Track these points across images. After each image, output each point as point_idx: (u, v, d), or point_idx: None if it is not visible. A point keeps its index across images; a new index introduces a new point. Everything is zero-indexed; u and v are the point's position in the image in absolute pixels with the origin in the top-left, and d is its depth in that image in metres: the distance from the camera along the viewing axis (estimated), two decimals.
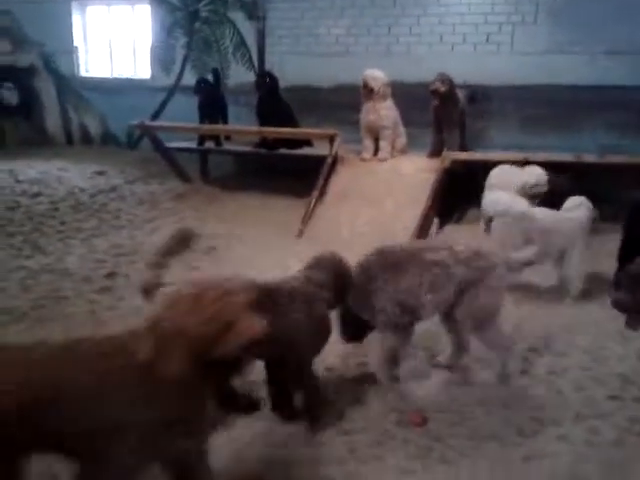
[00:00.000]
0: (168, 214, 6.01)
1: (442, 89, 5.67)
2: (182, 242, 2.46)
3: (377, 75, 5.83)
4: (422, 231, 4.99)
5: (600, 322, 3.47)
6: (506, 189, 4.36)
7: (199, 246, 4.97)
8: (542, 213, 3.99)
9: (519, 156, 5.15)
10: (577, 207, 3.97)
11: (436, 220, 5.33)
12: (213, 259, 4.75)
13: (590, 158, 5.06)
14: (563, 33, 6.75)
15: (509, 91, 6.81)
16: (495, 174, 4.65)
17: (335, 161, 5.89)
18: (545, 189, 4.48)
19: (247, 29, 8.21)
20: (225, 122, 7.31)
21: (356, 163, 5.96)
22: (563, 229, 3.87)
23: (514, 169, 4.64)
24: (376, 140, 5.96)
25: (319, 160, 5.96)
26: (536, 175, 4.47)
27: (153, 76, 8.92)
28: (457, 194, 5.57)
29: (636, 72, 6.45)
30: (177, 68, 8.51)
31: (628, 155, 5.68)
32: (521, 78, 6.84)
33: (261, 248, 4.95)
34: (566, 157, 5.08)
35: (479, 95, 6.63)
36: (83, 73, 9.65)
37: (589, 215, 3.94)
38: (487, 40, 7.09)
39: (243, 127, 7.34)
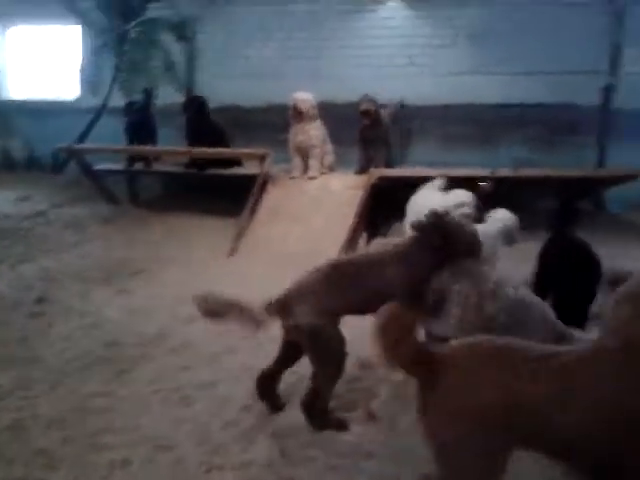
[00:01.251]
0: (96, 238, 5.91)
1: (373, 109, 5.87)
2: None
3: (306, 97, 5.97)
4: (351, 246, 5.11)
5: None
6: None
7: (129, 270, 4.97)
8: None
9: (438, 172, 5.36)
10: (498, 219, 4.05)
11: (364, 235, 5.48)
12: (143, 282, 4.71)
13: (505, 172, 5.33)
14: (482, 55, 7.13)
15: (432, 110, 7.12)
16: (419, 196, 4.74)
17: (266, 180, 5.96)
18: (471, 211, 4.62)
19: (177, 50, 8.21)
20: (154, 143, 7.28)
21: (286, 182, 6.05)
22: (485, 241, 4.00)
23: (438, 193, 4.76)
24: (305, 159, 6.08)
25: (249, 180, 6.02)
26: (462, 197, 4.62)
27: (80, 98, 8.77)
28: (384, 209, 5.74)
29: (552, 90, 6.89)
30: (105, 89, 8.41)
31: (540, 168, 6.12)
32: (443, 98, 7.17)
33: (193, 269, 4.94)
34: (482, 172, 5.33)
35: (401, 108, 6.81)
36: (6, 95, 9.39)
37: (511, 226, 4.01)
38: (411, 62, 7.39)
39: (173, 148, 7.31)
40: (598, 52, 6.80)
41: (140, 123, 7.08)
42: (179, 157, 7.01)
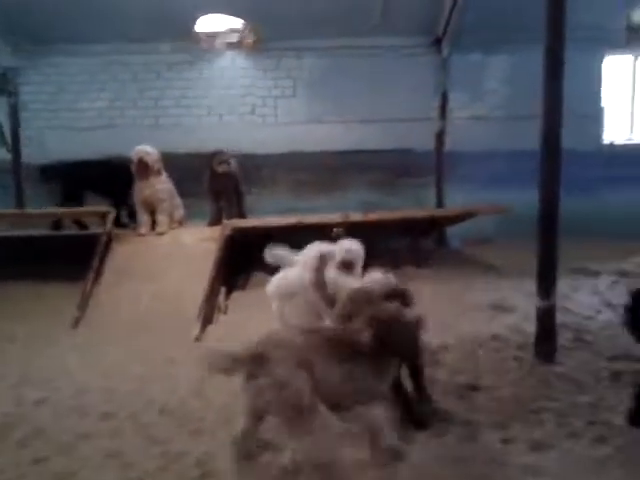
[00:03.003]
0: None
1: (233, 169, 5.82)
2: None
3: (150, 151, 5.72)
4: (210, 302, 4.89)
5: None
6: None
7: None
8: None
9: (292, 220, 5.40)
10: None
11: (223, 289, 5.29)
12: None
13: (356, 217, 5.49)
14: (319, 105, 7.40)
15: (276, 159, 7.20)
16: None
17: (110, 239, 5.57)
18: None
19: None
20: None
21: (133, 239, 5.70)
22: None
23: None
24: (152, 214, 5.79)
25: (91, 239, 5.58)
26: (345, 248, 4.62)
27: None
28: (239, 261, 5.62)
29: (384, 138, 7.32)
30: None
31: (387, 209, 6.43)
32: (286, 146, 7.33)
33: (35, 346, 4.40)
34: (336, 217, 5.44)
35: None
36: None
37: None
38: (253, 112, 7.46)
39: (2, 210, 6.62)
40: (427, 99, 7.35)
41: None
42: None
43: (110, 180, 6.37)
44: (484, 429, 2.75)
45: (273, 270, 4.24)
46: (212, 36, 7.36)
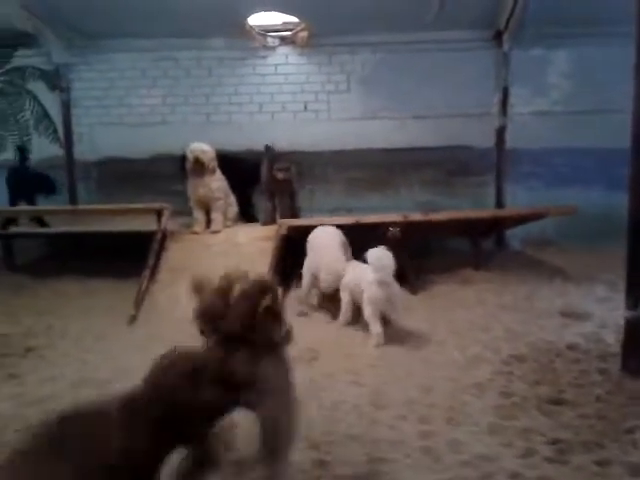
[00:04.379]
0: None
1: (292, 177, 5.82)
2: None
3: (206, 149, 5.66)
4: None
5: None
6: None
7: (14, 348, 4.27)
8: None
9: (351, 219, 5.26)
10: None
11: (279, 289, 5.18)
12: (33, 362, 4.05)
13: (416, 217, 5.31)
14: (374, 100, 7.22)
15: (330, 156, 7.05)
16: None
17: (165, 236, 5.51)
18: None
19: (50, 100, 7.59)
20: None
21: (188, 237, 5.64)
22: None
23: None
24: (207, 212, 5.73)
25: (144, 236, 5.54)
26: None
27: None
28: (293, 260, 5.51)
29: (440, 134, 7.10)
30: None
31: (443, 209, 6.26)
32: (339, 143, 7.17)
33: (90, 342, 4.35)
34: (394, 217, 5.28)
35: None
36: None
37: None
38: (305, 108, 7.33)
39: (54, 207, 6.67)
40: (486, 94, 7.10)
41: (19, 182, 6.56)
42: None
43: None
44: (575, 449, 2.55)
45: None
46: (265, 32, 7.25)
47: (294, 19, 7.03)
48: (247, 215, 6.55)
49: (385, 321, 4.07)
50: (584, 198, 6.59)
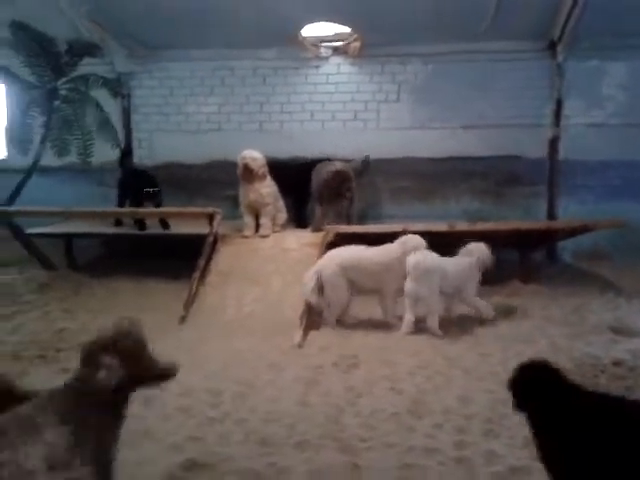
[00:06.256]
0: (31, 308, 5.37)
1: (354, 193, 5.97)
2: None
3: (256, 156, 5.83)
4: (312, 308, 4.87)
5: None
6: None
7: (69, 343, 4.50)
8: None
9: (398, 227, 5.28)
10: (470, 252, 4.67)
11: None
12: None
13: (462, 226, 5.30)
14: (424, 110, 7.24)
15: (377, 165, 7.08)
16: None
17: (216, 240, 5.69)
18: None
19: (112, 106, 7.91)
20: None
21: (238, 241, 5.80)
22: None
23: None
24: (257, 217, 5.88)
25: (195, 239, 5.72)
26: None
27: (8, 158, 8.27)
28: None
29: (490, 144, 7.05)
30: (35, 148, 7.95)
31: (492, 219, 6.24)
32: (387, 152, 7.20)
33: None
34: (441, 226, 5.28)
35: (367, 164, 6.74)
36: None
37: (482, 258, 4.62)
38: (355, 117, 7.42)
39: (114, 209, 6.92)
40: (538, 105, 7.02)
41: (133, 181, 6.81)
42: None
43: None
44: None
45: None
46: (318, 42, 7.38)
47: (346, 30, 7.13)
48: (300, 221, 6.67)
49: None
50: (638, 211, 6.42)
